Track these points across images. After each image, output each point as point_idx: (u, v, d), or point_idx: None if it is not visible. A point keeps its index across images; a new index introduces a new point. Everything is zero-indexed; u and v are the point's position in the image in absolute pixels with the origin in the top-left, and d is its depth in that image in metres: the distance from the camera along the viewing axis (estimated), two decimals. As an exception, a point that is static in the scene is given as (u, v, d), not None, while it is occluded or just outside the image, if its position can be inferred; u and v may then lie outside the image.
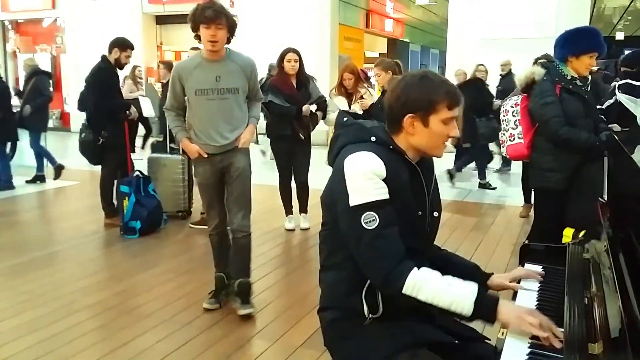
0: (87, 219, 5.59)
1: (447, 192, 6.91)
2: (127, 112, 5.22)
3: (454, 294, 1.45)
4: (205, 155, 3.23)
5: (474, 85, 7.05)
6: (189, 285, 3.83)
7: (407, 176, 1.57)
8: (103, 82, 5.05)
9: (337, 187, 1.54)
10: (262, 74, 9.76)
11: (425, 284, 1.46)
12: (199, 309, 3.40)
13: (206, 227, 5.22)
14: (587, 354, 1.25)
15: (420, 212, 1.61)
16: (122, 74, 5.47)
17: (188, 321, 3.24)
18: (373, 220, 1.47)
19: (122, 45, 5.08)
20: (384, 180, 1.49)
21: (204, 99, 3.14)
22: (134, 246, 4.79)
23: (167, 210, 5.38)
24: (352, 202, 1.49)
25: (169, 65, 5.35)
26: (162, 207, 5.23)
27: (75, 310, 3.39)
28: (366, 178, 1.49)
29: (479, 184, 7.26)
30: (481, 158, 7.37)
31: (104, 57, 5.10)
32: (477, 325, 1.58)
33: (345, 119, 1.68)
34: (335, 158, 1.61)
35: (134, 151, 5.51)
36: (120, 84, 5.93)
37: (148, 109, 8.07)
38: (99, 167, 5.39)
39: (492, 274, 1.77)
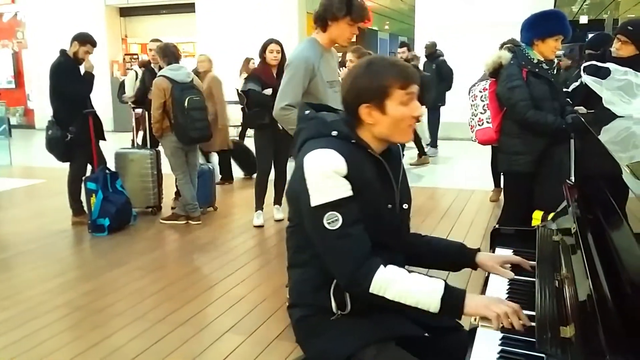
0: (54, 217, 5.45)
1: (416, 179, 6.96)
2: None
3: (421, 293, 1.43)
4: None
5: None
6: (160, 282, 3.77)
7: (372, 170, 1.53)
8: (65, 71, 4.92)
9: (298, 185, 1.49)
10: (234, 62, 9.67)
11: (392, 283, 1.43)
12: (172, 306, 3.35)
13: (177, 222, 5.25)
14: (558, 337, 1.25)
15: (390, 206, 1.58)
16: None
17: (160, 318, 3.18)
18: (336, 220, 1.43)
19: (83, 39, 4.97)
20: (345, 177, 1.45)
21: (332, 91, 2.93)
22: (103, 244, 4.69)
23: (136, 207, 5.28)
24: (313, 202, 1.44)
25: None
26: (131, 203, 5.13)
27: (44, 312, 3.31)
28: (326, 177, 1.44)
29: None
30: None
31: (62, 51, 4.99)
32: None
33: (307, 111, 1.62)
34: (298, 153, 1.56)
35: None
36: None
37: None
38: (66, 165, 5.24)
39: (479, 249, 1.73)
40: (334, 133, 1.51)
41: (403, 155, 1.74)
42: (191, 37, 12.99)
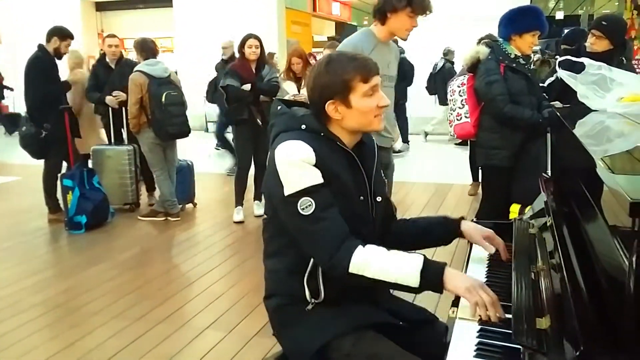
0: (30, 215, 5.36)
1: (396, 174, 6.98)
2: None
3: (401, 268, 1.44)
4: None
5: None
6: (139, 280, 3.73)
7: (342, 162, 1.56)
8: (43, 70, 4.83)
9: (271, 178, 1.52)
10: (213, 57, 9.58)
11: (370, 261, 1.45)
12: (151, 303, 3.31)
13: (156, 219, 5.20)
14: (534, 328, 1.26)
15: (361, 197, 1.59)
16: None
17: (139, 316, 3.15)
18: (309, 205, 1.46)
19: (62, 34, 4.91)
20: (315, 166, 1.48)
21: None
22: (80, 241, 4.63)
23: (114, 203, 5.21)
24: (287, 191, 1.47)
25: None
26: (108, 200, 5.06)
27: (21, 310, 3.25)
28: (296, 166, 1.47)
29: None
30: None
31: (41, 46, 4.90)
32: (430, 303, 1.58)
33: (279, 107, 1.65)
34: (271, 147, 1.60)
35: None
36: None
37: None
38: (41, 162, 5.15)
39: (463, 218, 1.76)
40: (303, 126, 1.55)
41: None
42: (169, 32, 12.86)
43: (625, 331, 1.00)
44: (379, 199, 1.66)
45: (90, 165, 5.21)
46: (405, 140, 8.79)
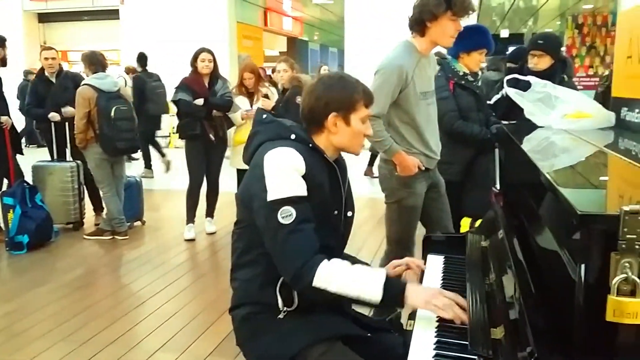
0: (-34, 235, 5.08)
1: (359, 188, 7.03)
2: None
3: (364, 282, 1.48)
4: (423, 168, 2.73)
5: None
6: (85, 301, 3.59)
7: (326, 175, 1.59)
8: None
9: (255, 183, 1.54)
10: (162, 70, 9.42)
11: (334, 275, 1.47)
12: (98, 325, 3.19)
13: (102, 237, 5.04)
14: (489, 338, 1.29)
15: (336, 212, 1.64)
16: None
17: (86, 339, 3.03)
18: (289, 215, 1.47)
19: (2, 42, 4.73)
20: (303, 176, 1.51)
21: (425, 103, 2.69)
22: (22, 262, 4.42)
23: (57, 222, 5.00)
24: (270, 197, 1.49)
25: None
26: (52, 219, 4.86)
27: (-44, 338, 3.07)
28: (286, 173, 1.50)
29: None
30: None
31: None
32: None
33: (264, 116, 1.69)
34: (252, 155, 1.61)
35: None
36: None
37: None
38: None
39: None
40: (292, 136, 1.58)
41: None
42: (115, 45, 12.59)
43: (577, 338, 1.03)
44: (349, 213, 1.72)
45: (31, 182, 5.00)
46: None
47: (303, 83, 4.53)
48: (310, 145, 1.59)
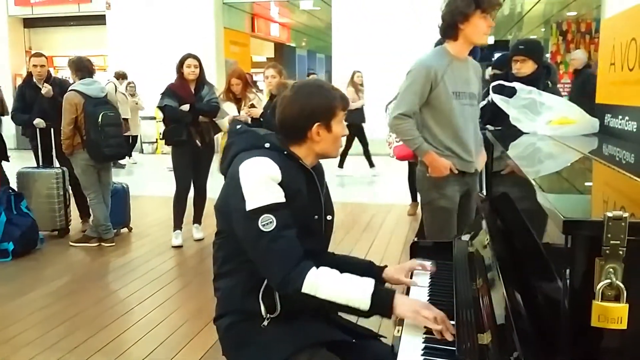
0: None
1: (338, 194, 7.05)
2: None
3: (352, 290, 1.48)
4: (456, 171, 2.69)
5: None
6: (72, 309, 3.55)
7: (303, 180, 1.59)
8: None
9: (232, 193, 1.53)
10: (148, 76, 9.41)
11: (323, 282, 1.47)
12: (85, 333, 3.16)
13: (89, 244, 4.99)
14: (476, 344, 1.30)
15: (316, 216, 1.64)
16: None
17: (72, 347, 2.99)
18: (270, 222, 1.47)
19: None
20: (280, 184, 1.51)
21: (459, 104, 2.65)
22: (7, 270, 4.36)
23: (42, 229, 4.95)
24: (249, 206, 1.48)
25: None
26: (37, 226, 4.81)
27: (-61, 347, 3.02)
28: (262, 182, 1.50)
29: None
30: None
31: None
32: (374, 322, 1.60)
33: (238, 126, 1.68)
34: (229, 166, 1.60)
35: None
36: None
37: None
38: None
39: (386, 266, 1.81)
40: (267, 145, 1.58)
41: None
42: (102, 50, 12.52)
43: (562, 343, 1.04)
44: (329, 217, 1.72)
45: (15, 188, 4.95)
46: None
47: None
48: (285, 152, 1.58)
